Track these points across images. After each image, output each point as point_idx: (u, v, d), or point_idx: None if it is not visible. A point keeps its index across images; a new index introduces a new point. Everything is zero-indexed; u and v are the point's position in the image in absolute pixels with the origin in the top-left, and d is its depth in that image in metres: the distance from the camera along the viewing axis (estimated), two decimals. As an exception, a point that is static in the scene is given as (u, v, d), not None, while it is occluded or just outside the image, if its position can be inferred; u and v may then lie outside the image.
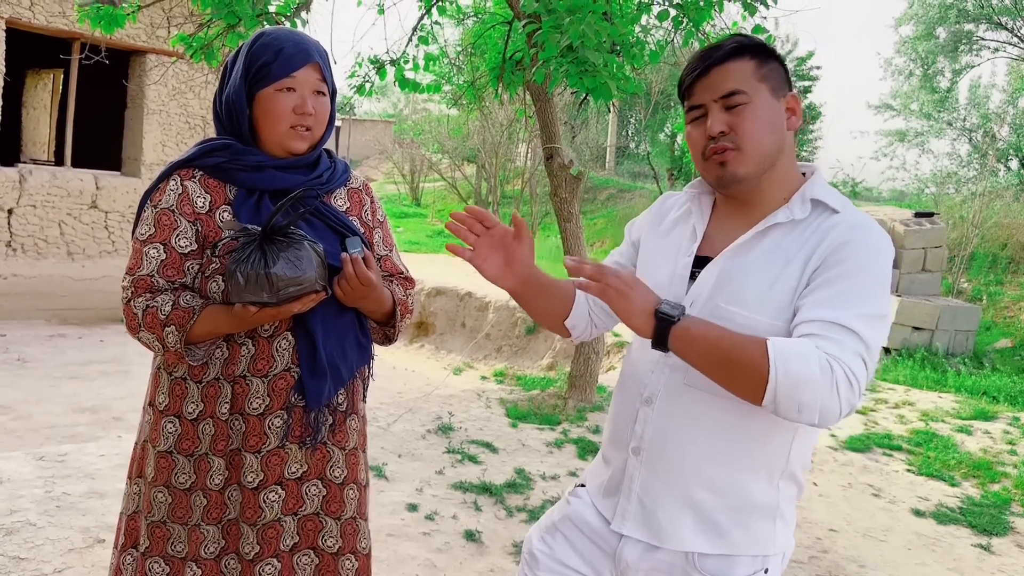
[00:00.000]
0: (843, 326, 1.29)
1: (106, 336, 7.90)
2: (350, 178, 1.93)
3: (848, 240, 1.37)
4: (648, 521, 1.51)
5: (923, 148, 20.70)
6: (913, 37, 19.88)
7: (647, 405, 1.52)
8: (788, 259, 1.41)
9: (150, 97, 9.01)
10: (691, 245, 1.54)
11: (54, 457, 4.04)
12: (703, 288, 1.47)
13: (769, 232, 1.45)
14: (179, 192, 1.74)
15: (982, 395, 7.45)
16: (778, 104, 1.47)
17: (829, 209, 1.44)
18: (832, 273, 1.35)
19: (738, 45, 1.46)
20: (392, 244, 2.01)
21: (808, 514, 4.38)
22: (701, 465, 1.47)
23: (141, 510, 1.81)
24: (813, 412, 1.26)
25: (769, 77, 1.46)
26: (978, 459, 5.54)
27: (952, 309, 8.77)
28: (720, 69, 1.45)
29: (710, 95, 1.46)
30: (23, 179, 8.32)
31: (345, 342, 1.81)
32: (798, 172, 1.52)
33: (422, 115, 24.74)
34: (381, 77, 5.83)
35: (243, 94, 1.75)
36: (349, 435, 1.85)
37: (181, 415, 1.75)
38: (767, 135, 1.44)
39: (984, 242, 11.98)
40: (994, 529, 4.38)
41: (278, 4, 4.85)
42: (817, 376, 1.24)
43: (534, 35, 4.37)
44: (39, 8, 8.15)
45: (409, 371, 7.81)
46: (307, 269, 1.61)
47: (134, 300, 1.71)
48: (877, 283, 1.36)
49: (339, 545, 1.83)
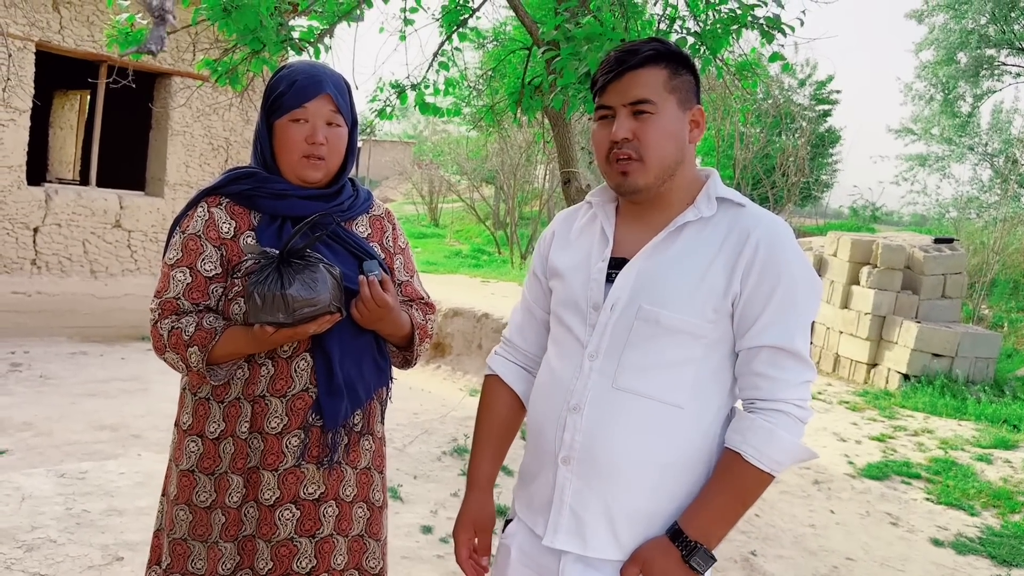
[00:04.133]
0: (788, 352, 1.42)
1: (127, 354, 7.98)
2: (372, 205, 1.98)
3: (772, 243, 1.44)
4: (582, 531, 1.48)
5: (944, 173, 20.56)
6: (934, 62, 19.80)
7: (575, 412, 1.49)
8: (710, 257, 1.45)
9: (174, 119, 9.14)
10: (604, 249, 1.55)
11: (75, 474, 4.09)
12: (622, 291, 1.48)
13: (681, 231, 1.49)
14: (206, 218, 1.81)
15: (1003, 423, 7.36)
16: (683, 116, 1.49)
17: (735, 204, 1.50)
18: (763, 288, 1.43)
19: (654, 52, 1.48)
20: (413, 270, 2.06)
21: (824, 542, 4.35)
22: (634, 469, 1.46)
23: (164, 527, 1.86)
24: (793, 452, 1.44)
25: (679, 88, 1.48)
26: (998, 488, 5.48)
27: (972, 336, 8.69)
28: (633, 75, 1.47)
29: (620, 99, 1.48)
30: (49, 198, 8.45)
31: (362, 363, 1.85)
32: (698, 175, 1.56)
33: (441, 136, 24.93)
34: (402, 102, 5.90)
35: (263, 124, 1.83)
36: (362, 455, 1.88)
37: (203, 435, 1.81)
38: (669, 147, 1.47)
39: (1005, 268, 11.89)
40: (1014, 560, 4.33)
41: (302, 31, 4.93)
42: (792, 441, 1.42)
43: (552, 62, 4.42)
44: (68, 32, 8.31)
45: (425, 392, 7.83)
46: (322, 291, 1.66)
47: (161, 322, 1.78)
48: (802, 282, 1.45)
49: (345, 561, 1.85)
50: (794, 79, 19.94)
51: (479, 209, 21.32)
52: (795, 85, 20.31)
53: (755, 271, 1.43)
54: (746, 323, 1.44)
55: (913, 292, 9.04)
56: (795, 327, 1.42)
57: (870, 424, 7.20)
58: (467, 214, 22.54)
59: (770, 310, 1.42)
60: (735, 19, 4.68)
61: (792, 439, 1.41)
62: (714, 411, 1.49)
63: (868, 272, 9.11)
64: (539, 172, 20.34)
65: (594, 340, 1.50)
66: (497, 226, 20.42)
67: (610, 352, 1.48)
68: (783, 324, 1.42)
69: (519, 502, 1.63)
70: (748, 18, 4.65)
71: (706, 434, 1.48)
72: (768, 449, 1.40)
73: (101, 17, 8.33)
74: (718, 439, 1.49)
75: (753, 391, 1.46)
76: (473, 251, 19.15)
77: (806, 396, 1.43)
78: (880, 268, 9.02)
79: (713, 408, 1.49)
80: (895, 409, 7.75)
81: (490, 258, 18.29)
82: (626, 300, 1.47)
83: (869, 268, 9.14)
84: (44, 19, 8.14)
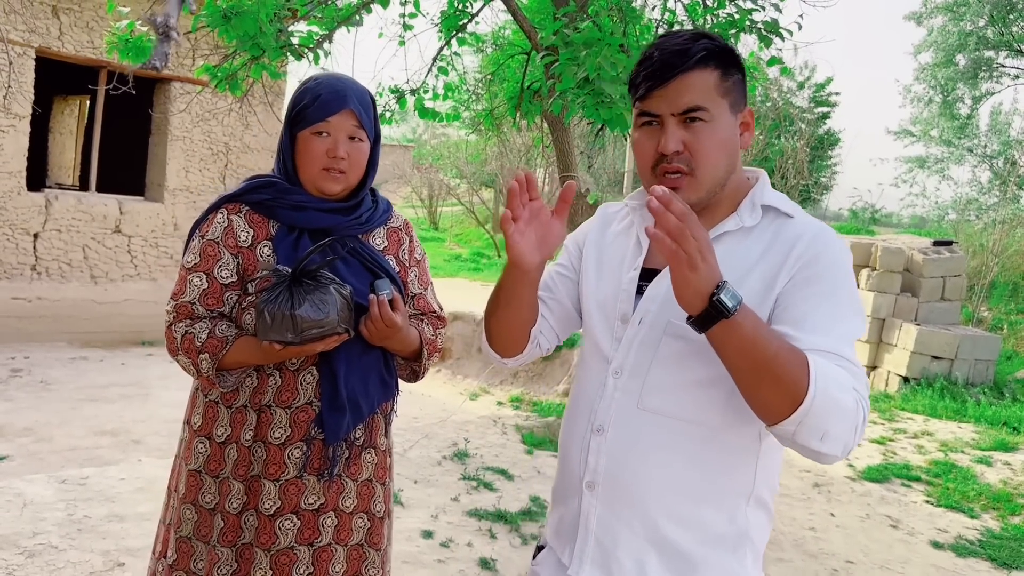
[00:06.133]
0: (847, 359, 1.22)
1: (127, 359, 7.98)
2: (391, 217, 2.01)
3: (818, 253, 1.29)
4: (608, 563, 1.37)
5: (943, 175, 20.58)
6: (933, 64, 19.83)
7: (599, 434, 1.38)
8: (746, 269, 1.32)
9: (174, 124, 9.16)
10: (636, 258, 1.44)
11: (76, 480, 4.10)
12: (652, 303, 1.37)
13: (719, 241, 1.35)
14: (225, 225, 1.84)
15: (1002, 425, 7.37)
16: (735, 120, 1.36)
17: (782, 214, 1.37)
18: (812, 293, 1.27)
19: (706, 52, 1.32)
20: (428, 282, 2.08)
21: (825, 545, 4.36)
22: (661, 496, 1.33)
23: (172, 523, 1.89)
24: (837, 444, 1.18)
25: (731, 91, 1.35)
26: (998, 491, 5.48)
27: (972, 338, 8.70)
28: (683, 79, 1.31)
29: (668, 107, 1.32)
30: (49, 204, 8.47)
31: (368, 379, 1.88)
32: (745, 179, 1.43)
33: (441, 140, 24.93)
34: (401, 107, 5.92)
35: (286, 135, 1.86)
36: (363, 468, 1.90)
37: (211, 437, 1.84)
38: (722, 158, 1.34)
39: (1004, 270, 11.90)
40: (1014, 562, 4.33)
41: (301, 36, 4.95)
42: (851, 408, 1.17)
43: (551, 67, 4.44)
44: (68, 37, 8.33)
45: (426, 396, 7.84)
46: (331, 312, 1.69)
47: (175, 325, 1.82)
48: (851, 300, 1.30)
49: (344, 569, 1.87)
50: (793, 82, 19.98)
51: (478, 213, 21.34)
52: (794, 88, 20.35)
53: (801, 278, 1.28)
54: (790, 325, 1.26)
55: (912, 295, 9.05)
56: (844, 339, 1.25)
57: (870, 427, 7.20)
58: (466, 218, 22.56)
59: (817, 317, 1.25)
60: (733, 23, 4.70)
61: (851, 414, 1.17)
62: (751, 434, 1.34)
63: (867, 275, 9.12)
64: (538, 175, 20.37)
65: (619, 356, 1.39)
66: (496, 229, 20.42)
67: (636, 370, 1.37)
68: (834, 334, 1.24)
69: (549, 527, 1.55)
70: (746, 22, 4.67)
71: (742, 459, 1.35)
72: (832, 387, 1.15)
73: (101, 23, 8.35)
74: (757, 465, 1.35)
75: None
76: (473, 255, 19.17)
77: (865, 394, 1.22)
78: (879, 271, 9.04)
79: (749, 431, 1.33)
80: (895, 412, 7.75)
81: (490, 262, 18.30)
82: (655, 313, 1.36)
83: (868, 271, 9.15)
84: (44, 25, 8.16)
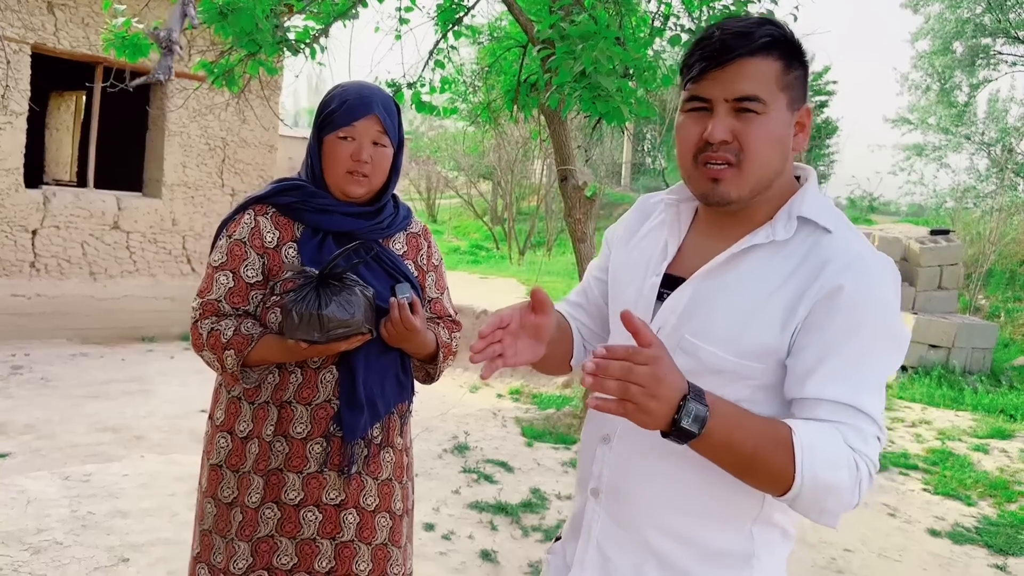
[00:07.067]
0: (857, 409, 1.15)
1: (128, 355, 8.00)
2: (411, 223, 2.06)
3: (842, 285, 1.17)
4: (607, 568, 1.35)
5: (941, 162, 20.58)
6: (930, 52, 19.81)
7: (604, 443, 1.37)
8: (770, 291, 1.22)
9: (171, 120, 9.14)
10: (660, 263, 1.36)
11: (79, 477, 4.12)
12: (670, 315, 1.29)
13: (747, 254, 1.26)
14: (252, 226, 1.90)
15: (999, 413, 7.41)
16: (791, 118, 1.26)
17: (820, 228, 1.24)
18: (831, 333, 1.17)
19: (770, 39, 1.22)
20: (444, 287, 2.14)
21: (823, 534, 4.39)
22: (660, 510, 1.30)
23: (198, 516, 1.96)
24: (835, 517, 1.16)
25: (792, 86, 1.25)
26: (995, 478, 5.52)
27: (969, 327, 8.73)
28: (742, 64, 1.21)
29: (722, 92, 1.22)
30: (47, 200, 8.46)
31: (385, 379, 1.94)
32: (792, 181, 1.33)
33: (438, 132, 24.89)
34: (398, 100, 5.92)
35: (314, 139, 1.91)
36: (382, 466, 1.96)
37: (233, 432, 1.90)
38: (773, 155, 1.24)
39: (1002, 259, 11.93)
40: (1011, 549, 4.37)
41: (297, 31, 4.95)
42: (845, 483, 1.12)
43: (548, 60, 4.45)
44: (63, 34, 8.31)
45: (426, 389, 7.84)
46: (356, 313, 1.75)
47: (201, 322, 1.87)
48: (883, 337, 1.19)
49: (369, 568, 1.92)
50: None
51: (477, 205, 21.34)
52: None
53: (821, 314, 1.18)
54: (802, 372, 1.18)
55: (910, 284, 9.08)
56: (864, 386, 1.17)
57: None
58: (465, 210, 22.56)
59: (834, 363, 1.16)
60: (730, 15, 4.70)
61: (846, 487, 1.12)
62: None
63: (865, 264, 9.13)
64: (536, 167, 20.36)
65: None
66: (495, 222, 20.43)
67: None
68: (850, 381, 1.16)
69: (567, 521, 1.54)
70: (743, 14, 4.67)
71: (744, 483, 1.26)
72: (821, 469, 1.11)
73: (96, 19, 8.33)
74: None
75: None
76: (471, 247, 19.17)
77: (875, 454, 1.16)
78: (877, 260, 9.05)
79: None
80: (893, 400, 7.78)
81: (488, 254, 18.30)
82: (672, 327, 1.28)
83: (866, 260, 9.17)
84: (39, 21, 8.14)
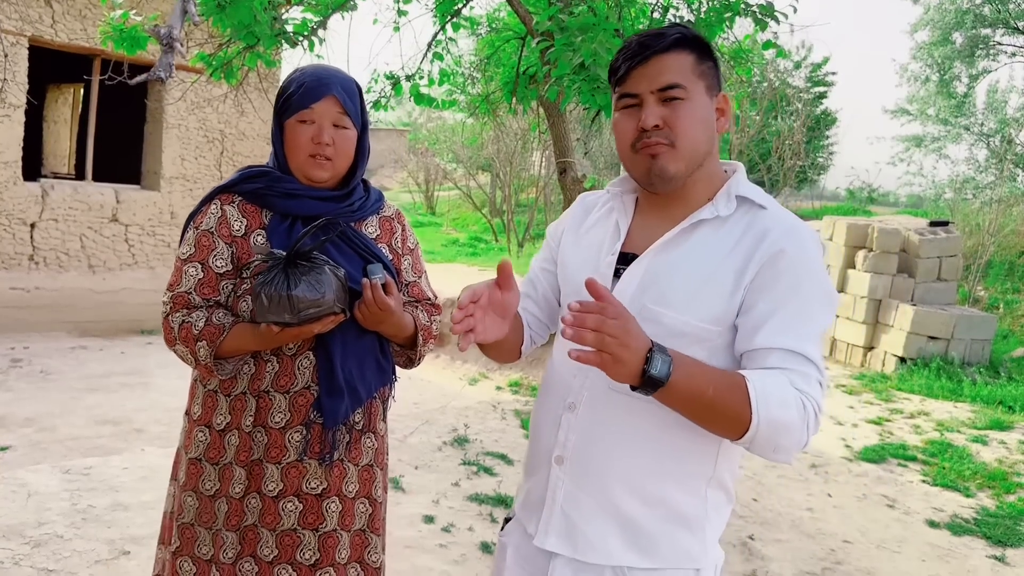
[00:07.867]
0: (803, 356, 1.30)
1: (127, 348, 8.00)
2: (383, 207, 2.03)
3: (783, 249, 1.34)
4: (572, 534, 1.44)
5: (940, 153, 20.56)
6: (929, 43, 19.75)
7: (570, 411, 1.45)
8: (719, 259, 1.38)
9: (169, 112, 9.12)
10: (615, 243, 1.49)
11: (79, 470, 4.13)
12: (628, 287, 1.42)
13: (695, 229, 1.42)
14: (219, 215, 1.87)
15: (998, 405, 7.42)
16: (711, 104, 1.43)
17: (756, 205, 1.42)
18: (777, 291, 1.33)
19: (681, 36, 1.40)
20: (422, 271, 2.10)
21: (822, 525, 4.40)
22: (626, 474, 1.40)
23: (174, 511, 1.93)
24: (789, 454, 1.29)
25: (707, 75, 1.42)
26: (994, 469, 5.54)
27: (968, 318, 8.74)
28: (661, 59, 1.39)
29: (648, 85, 1.39)
30: (45, 193, 8.45)
31: (364, 363, 1.90)
32: (722, 170, 1.49)
33: (436, 124, 24.84)
34: (397, 92, 5.92)
35: (275, 124, 1.89)
36: (363, 452, 1.93)
37: (211, 425, 1.87)
38: (701, 134, 1.40)
39: (1001, 250, 11.93)
40: (1009, 540, 4.38)
41: (295, 24, 4.94)
42: (796, 421, 1.25)
43: (547, 52, 4.44)
44: (61, 26, 8.29)
45: (425, 382, 7.86)
46: (327, 292, 1.71)
47: (172, 315, 1.84)
48: (820, 294, 1.35)
49: (348, 555, 1.91)
50: (789, 62, 19.91)
51: (475, 197, 21.31)
52: (790, 68, 20.28)
53: (767, 275, 1.34)
54: (752, 326, 1.34)
55: (909, 275, 9.08)
56: (807, 336, 1.32)
57: (867, 407, 7.25)
58: (463, 202, 22.52)
59: (781, 316, 1.32)
60: (728, 7, 4.69)
61: (797, 425, 1.26)
62: None
63: (864, 256, 9.15)
64: (535, 159, 20.32)
65: None
66: (494, 214, 20.41)
67: None
68: (795, 332, 1.31)
69: (518, 499, 1.62)
70: (741, 6, 4.66)
71: (704, 443, 1.39)
72: (774, 407, 1.24)
73: (94, 11, 8.31)
74: (719, 449, 1.41)
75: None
76: (470, 239, 19.15)
77: (820, 396, 1.30)
78: (876, 252, 9.06)
79: None
80: (891, 392, 7.80)
81: (487, 246, 18.30)
82: (630, 297, 1.40)
83: (865, 252, 9.18)
84: (36, 14, 8.11)
